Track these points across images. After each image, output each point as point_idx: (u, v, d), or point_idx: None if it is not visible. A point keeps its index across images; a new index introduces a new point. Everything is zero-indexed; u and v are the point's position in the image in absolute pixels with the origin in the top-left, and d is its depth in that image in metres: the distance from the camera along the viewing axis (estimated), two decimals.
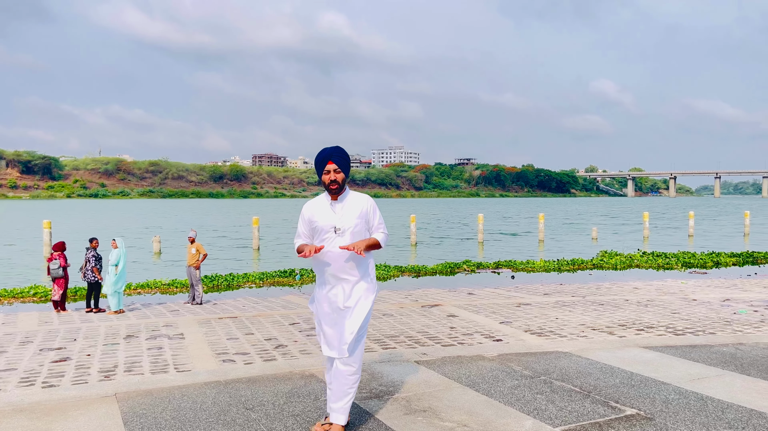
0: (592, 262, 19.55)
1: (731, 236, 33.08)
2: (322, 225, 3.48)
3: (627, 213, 70.18)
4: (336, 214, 3.48)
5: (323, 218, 3.48)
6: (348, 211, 3.48)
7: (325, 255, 3.45)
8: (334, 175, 3.45)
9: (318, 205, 3.56)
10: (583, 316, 10.52)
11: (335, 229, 3.43)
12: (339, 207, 3.49)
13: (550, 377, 4.53)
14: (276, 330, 9.18)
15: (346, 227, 3.44)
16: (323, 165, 3.48)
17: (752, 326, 9.68)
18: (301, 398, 4.04)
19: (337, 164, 3.46)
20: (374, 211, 3.56)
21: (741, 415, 3.72)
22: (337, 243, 3.42)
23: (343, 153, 3.55)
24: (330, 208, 3.50)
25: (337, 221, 3.46)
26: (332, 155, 3.48)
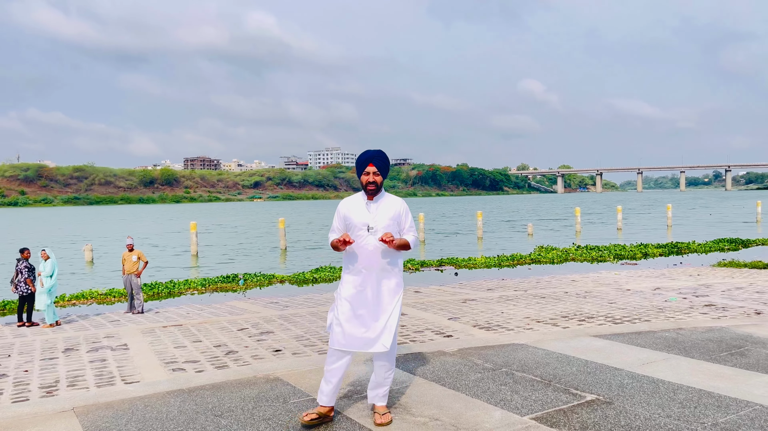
0: (530, 257, 20.15)
1: (656, 228, 34.84)
2: (356, 222, 3.65)
3: (558, 209, 72.68)
4: (370, 213, 3.66)
5: (358, 216, 3.66)
6: (382, 211, 3.66)
7: (358, 251, 3.62)
8: (374, 177, 3.65)
9: (354, 203, 3.73)
10: (527, 309, 10.86)
11: (368, 228, 3.61)
12: (374, 207, 3.67)
13: (510, 368, 4.67)
14: (225, 336, 9.01)
15: (378, 227, 3.61)
16: (364, 166, 3.67)
17: (683, 312, 10.26)
18: (269, 402, 4.00)
19: (377, 167, 3.65)
20: (407, 214, 3.73)
21: (691, 395, 3.96)
22: (368, 241, 3.60)
23: (384, 157, 3.72)
24: (365, 207, 3.68)
25: (371, 220, 3.63)
26: (374, 158, 3.67)
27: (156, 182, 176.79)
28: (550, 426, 3.49)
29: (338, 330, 3.65)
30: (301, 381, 4.45)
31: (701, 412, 3.65)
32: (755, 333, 5.62)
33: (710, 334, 5.65)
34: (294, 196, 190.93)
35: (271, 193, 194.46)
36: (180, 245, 29.98)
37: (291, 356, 7.60)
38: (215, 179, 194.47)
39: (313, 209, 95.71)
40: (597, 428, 3.45)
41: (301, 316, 10.60)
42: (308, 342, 8.40)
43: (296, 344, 8.35)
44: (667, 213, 35.81)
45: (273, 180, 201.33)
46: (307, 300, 12.88)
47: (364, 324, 3.59)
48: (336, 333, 3.66)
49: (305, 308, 11.64)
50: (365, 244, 3.61)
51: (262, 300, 13.00)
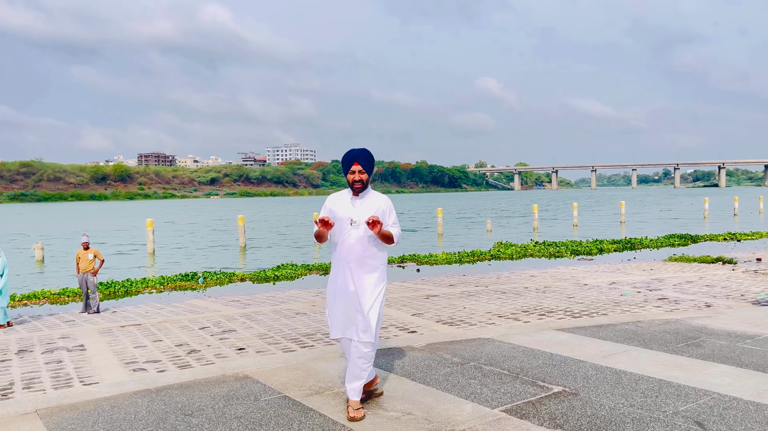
0: (490, 253, 20.43)
1: (610, 225, 35.79)
2: (340, 216, 3.80)
3: (516, 206, 73.90)
4: (355, 208, 3.80)
5: (343, 210, 3.81)
6: (366, 206, 3.80)
7: (341, 244, 3.77)
8: (359, 175, 3.78)
9: (340, 198, 3.89)
10: (489, 304, 11.03)
11: (351, 221, 3.75)
12: (359, 202, 3.82)
13: (479, 362, 4.75)
14: (186, 335, 8.86)
15: (361, 221, 3.75)
16: (349, 165, 3.81)
17: (638, 306, 10.60)
18: (240, 400, 3.96)
19: (362, 166, 3.79)
20: (390, 210, 3.86)
21: (652, 385, 4.11)
22: (351, 234, 3.74)
23: (369, 156, 3.87)
24: (350, 202, 3.83)
25: (355, 214, 3.78)
26: (358, 157, 3.81)
27: (108, 178, 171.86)
28: (520, 418, 3.57)
29: (330, 321, 3.89)
30: (271, 378, 4.42)
31: (662, 401, 3.79)
32: (709, 325, 5.85)
33: (667, 326, 5.85)
34: (252, 193, 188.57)
35: (229, 189, 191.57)
36: (136, 243, 29.27)
37: (255, 354, 7.55)
38: (170, 175, 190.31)
39: (272, 206, 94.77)
40: (565, 418, 3.54)
41: (264, 314, 10.51)
42: (272, 340, 8.34)
43: (260, 342, 8.27)
44: (620, 210, 36.84)
45: (230, 176, 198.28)
46: (269, 298, 12.76)
47: (348, 314, 3.75)
48: (330, 324, 3.90)
49: (267, 306, 11.54)
50: (347, 237, 3.74)
51: (222, 299, 12.82)
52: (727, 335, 5.45)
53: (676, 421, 3.46)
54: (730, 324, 5.84)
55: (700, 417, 3.50)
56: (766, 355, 4.76)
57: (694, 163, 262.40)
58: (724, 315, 6.32)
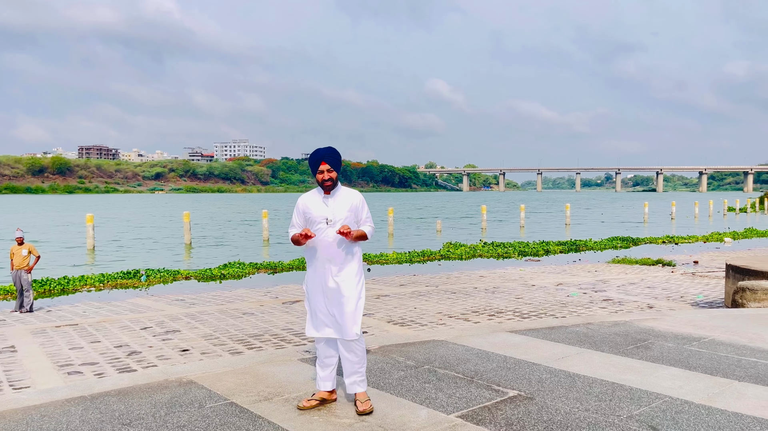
0: (440, 253, 20.53)
1: (555, 226, 36.61)
2: (314, 216, 3.84)
3: (464, 206, 74.82)
4: (328, 207, 3.84)
5: (316, 210, 3.85)
6: (339, 204, 3.85)
7: (318, 243, 3.80)
8: (328, 174, 3.82)
9: (312, 198, 3.92)
10: (439, 305, 11.03)
11: (327, 221, 3.80)
12: (331, 201, 3.86)
13: (433, 365, 4.66)
14: (126, 336, 8.49)
15: (336, 219, 3.80)
16: (317, 165, 3.84)
17: (584, 307, 10.81)
18: (183, 407, 3.74)
19: (329, 164, 3.82)
20: (363, 205, 3.93)
21: (606, 388, 4.11)
22: (328, 234, 3.79)
23: (336, 154, 3.89)
24: (323, 201, 3.87)
25: (329, 213, 3.82)
26: (326, 156, 3.83)
27: (46, 171, 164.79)
28: (477, 424, 3.49)
29: (310, 319, 3.90)
30: (217, 383, 4.21)
31: (616, 405, 3.78)
32: (656, 327, 5.95)
33: (616, 328, 5.92)
34: (198, 189, 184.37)
35: (174, 185, 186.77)
36: (74, 238, 28.07)
37: (200, 356, 7.27)
38: (113, 169, 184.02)
39: (219, 203, 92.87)
40: (521, 424, 3.48)
41: (209, 314, 10.18)
42: (218, 341, 8.07)
43: (205, 343, 7.98)
44: (565, 212, 37.73)
45: (176, 171, 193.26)
46: (215, 297, 12.41)
47: (331, 313, 3.79)
48: (308, 323, 3.91)
49: (213, 305, 11.20)
50: (324, 237, 3.79)
51: (166, 298, 12.38)
52: (674, 337, 5.54)
53: (630, 426, 3.45)
54: (676, 327, 5.95)
55: (653, 421, 3.51)
56: (712, 358, 4.85)
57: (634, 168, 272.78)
58: (670, 317, 6.45)
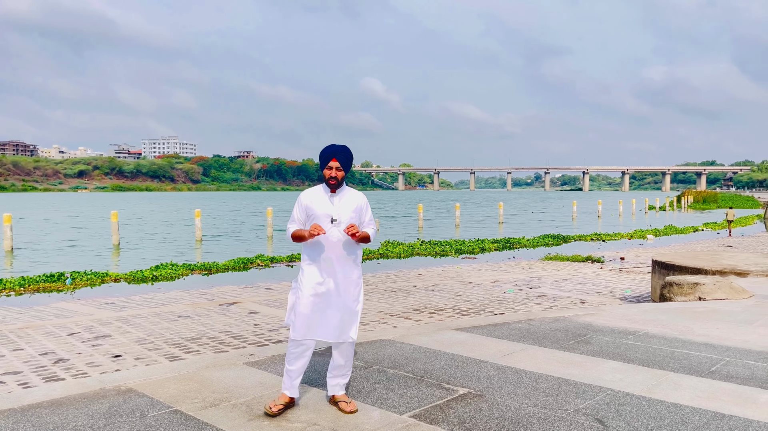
0: (378, 252, 20.57)
1: (489, 225, 37.44)
2: (318, 213, 3.73)
3: (400, 205, 75.40)
4: (334, 206, 3.76)
5: (321, 207, 3.75)
6: (345, 204, 3.78)
7: (322, 243, 3.71)
8: (336, 172, 3.74)
9: (316, 195, 3.81)
10: (380, 303, 11.04)
11: (332, 220, 3.71)
12: (337, 200, 3.78)
13: (382, 365, 4.63)
14: (52, 342, 8.04)
15: (342, 218, 3.73)
16: (328, 160, 3.75)
17: (520, 303, 11.09)
18: (124, 417, 3.55)
19: (340, 163, 3.74)
20: (367, 208, 3.88)
21: (552, 383, 4.20)
22: (332, 233, 3.69)
23: (349, 154, 3.81)
24: (328, 199, 3.77)
25: (335, 212, 3.74)
26: (338, 154, 3.75)
27: None
28: (430, 423, 3.48)
29: (301, 321, 3.70)
30: (158, 390, 4.02)
31: (563, 399, 3.87)
32: (594, 322, 6.15)
33: (557, 324, 6.08)
34: (125, 187, 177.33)
35: (99, 183, 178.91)
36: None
37: (134, 362, 6.96)
38: (31, 166, 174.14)
39: (148, 202, 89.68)
40: (474, 422, 3.50)
41: (142, 317, 9.79)
42: (153, 346, 7.76)
43: (139, 348, 7.66)
44: (499, 210, 38.65)
45: (101, 169, 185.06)
46: (147, 300, 11.93)
47: (329, 314, 3.70)
48: (299, 324, 3.71)
49: (146, 308, 10.77)
50: (329, 236, 3.71)
51: (94, 301, 11.81)
52: (611, 331, 5.75)
53: (578, 419, 3.54)
54: (612, 321, 6.18)
55: (599, 414, 3.61)
56: (647, 350, 5.06)
57: (562, 168, 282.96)
58: (606, 312, 6.69)
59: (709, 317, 6.34)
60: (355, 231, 3.61)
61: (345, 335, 3.72)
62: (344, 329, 3.71)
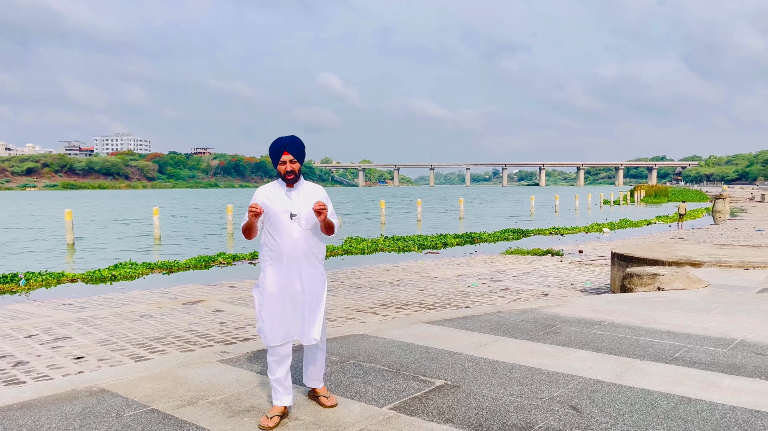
0: (342, 248, 20.55)
1: (450, 220, 37.80)
2: (276, 209, 3.54)
3: (362, 201, 75.36)
4: (292, 201, 3.56)
5: (278, 203, 3.56)
6: (303, 198, 3.58)
7: (281, 240, 3.53)
8: (290, 165, 3.55)
9: (272, 191, 3.62)
10: (347, 299, 11.05)
11: (291, 215, 3.52)
12: (294, 194, 3.59)
13: (357, 360, 4.66)
14: (9, 345, 7.79)
15: (302, 213, 3.54)
16: (279, 155, 3.56)
17: (485, 296, 11.26)
18: (99, 418, 3.47)
19: (293, 155, 3.55)
20: (327, 201, 3.64)
21: (525, 373, 4.30)
22: (293, 229, 3.52)
23: (299, 143, 3.61)
24: (285, 194, 3.59)
25: (293, 207, 3.54)
26: (288, 146, 3.56)
27: None
28: (410, 415, 3.53)
29: (270, 325, 3.55)
30: (132, 390, 3.95)
31: (537, 388, 3.97)
32: (560, 313, 6.30)
33: (525, 316, 6.21)
34: (77, 185, 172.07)
35: (49, 181, 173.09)
36: None
37: (98, 363, 6.80)
38: None
39: (101, 200, 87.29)
40: (453, 412, 3.56)
41: (103, 318, 9.56)
42: (116, 347, 7.59)
43: (102, 349, 7.49)
44: (459, 206, 39.06)
45: (51, 167, 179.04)
46: (107, 300, 11.65)
47: (293, 316, 3.56)
48: (269, 330, 3.56)
49: (106, 309, 10.51)
50: (290, 232, 3.52)
51: (51, 302, 11.46)
52: (578, 322, 5.90)
53: (553, 406, 3.64)
54: (578, 312, 6.34)
55: (573, 401, 3.72)
56: (613, 339, 5.22)
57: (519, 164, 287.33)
58: (572, 303, 6.87)
59: (668, 306, 6.57)
60: (323, 207, 3.41)
61: (308, 336, 3.59)
62: (312, 330, 3.58)
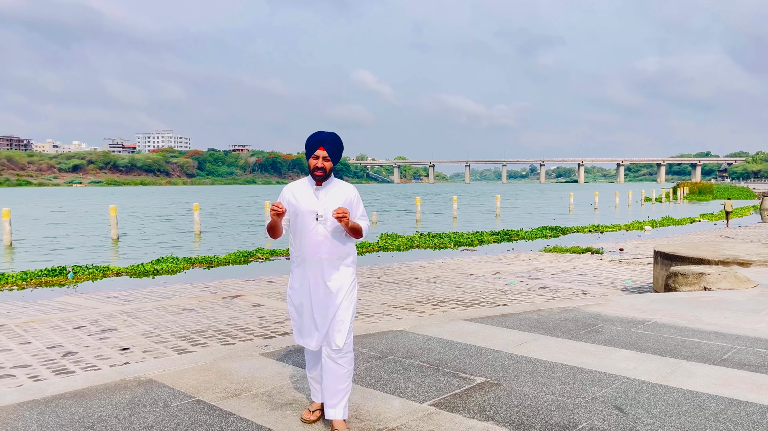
0: (377, 245, 20.60)
1: (486, 217, 37.50)
2: (303, 209, 3.36)
3: (397, 198, 75.37)
4: (319, 200, 3.37)
5: (305, 202, 3.37)
6: (332, 198, 3.38)
7: (306, 241, 3.35)
8: (323, 162, 3.34)
9: (300, 189, 3.42)
10: (383, 295, 11.08)
11: (317, 216, 3.33)
12: (323, 193, 3.38)
13: (397, 356, 4.67)
14: (59, 336, 8.06)
15: (328, 214, 3.34)
16: (314, 149, 3.36)
17: (522, 294, 11.14)
18: (148, 407, 3.58)
19: (328, 152, 3.34)
20: (358, 201, 3.48)
21: (567, 372, 4.25)
22: (318, 231, 3.34)
23: (337, 142, 3.40)
24: (313, 193, 3.39)
25: (320, 207, 3.35)
26: (326, 142, 3.34)
27: None
28: (451, 412, 3.53)
29: (296, 327, 3.51)
30: (178, 381, 4.05)
31: (579, 387, 3.92)
32: (602, 312, 6.20)
33: (566, 314, 6.13)
34: (120, 182, 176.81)
35: (94, 177, 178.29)
36: None
37: (143, 354, 6.98)
38: (26, 161, 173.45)
39: (143, 196, 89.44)
40: (494, 410, 3.55)
41: (147, 311, 9.80)
42: (160, 339, 7.78)
43: (146, 341, 7.69)
44: (496, 203, 38.72)
45: (96, 163, 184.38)
46: (150, 293, 11.94)
47: (314, 320, 3.39)
48: (295, 330, 3.52)
49: (150, 302, 10.78)
50: (314, 234, 3.34)
51: (98, 295, 11.81)
52: (620, 321, 5.80)
53: (596, 406, 3.59)
54: (621, 311, 6.23)
55: (617, 402, 3.66)
56: (658, 339, 5.11)
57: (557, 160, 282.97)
58: (614, 302, 6.75)
59: (715, 306, 6.40)
60: (344, 215, 3.17)
61: (334, 341, 3.32)
62: (333, 335, 3.33)
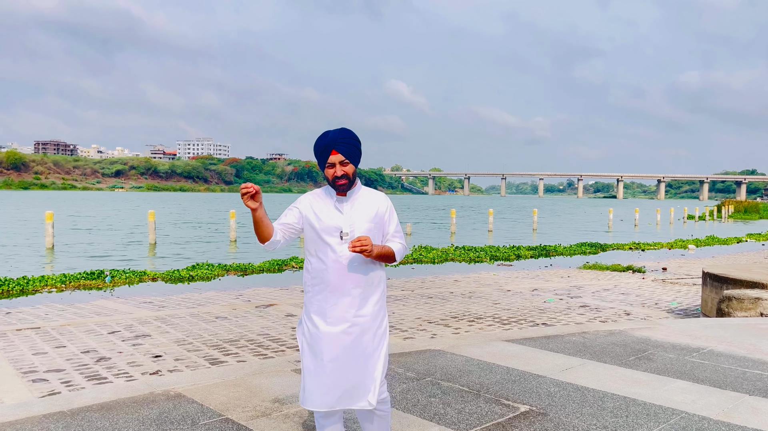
0: (412, 257, 20.36)
1: (523, 231, 36.89)
2: (324, 226, 2.71)
3: (431, 210, 75.01)
4: (343, 215, 2.73)
5: (326, 217, 2.72)
6: (359, 211, 2.74)
7: (329, 265, 2.69)
8: (341, 168, 2.69)
9: (321, 201, 2.78)
10: (417, 310, 10.84)
11: (342, 234, 2.68)
12: (347, 206, 2.75)
13: (435, 378, 4.44)
14: (93, 340, 8.06)
15: (356, 231, 2.70)
16: (326, 155, 2.70)
17: (562, 313, 10.75)
18: (175, 424, 3.43)
19: (343, 154, 2.68)
20: (391, 214, 2.82)
21: (618, 403, 3.95)
22: (342, 253, 2.68)
23: (351, 138, 2.73)
24: (335, 206, 2.74)
25: (345, 223, 2.71)
26: (337, 143, 2.68)
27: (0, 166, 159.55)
28: None
29: (307, 384, 2.72)
30: (208, 397, 3.90)
31: (634, 421, 3.62)
32: (652, 337, 5.85)
33: (613, 338, 5.81)
34: (160, 187, 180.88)
35: (135, 183, 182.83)
36: (32, 236, 26.96)
37: (174, 362, 6.90)
38: (71, 165, 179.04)
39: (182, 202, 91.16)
40: None
41: (180, 317, 9.77)
42: (192, 347, 7.70)
43: (178, 349, 7.61)
44: (533, 217, 38.09)
45: (137, 169, 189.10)
46: (184, 299, 11.95)
47: (339, 371, 2.67)
48: (304, 387, 2.74)
49: (183, 308, 10.77)
50: (338, 256, 2.68)
51: (133, 300, 11.88)
52: (673, 348, 5.45)
53: None
54: (672, 336, 5.87)
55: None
56: (716, 370, 4.76)
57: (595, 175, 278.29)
58: (664, 326, 6.38)
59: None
60: (367, 246, 2.54)
61: (365, 401, 2.68)
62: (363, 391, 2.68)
